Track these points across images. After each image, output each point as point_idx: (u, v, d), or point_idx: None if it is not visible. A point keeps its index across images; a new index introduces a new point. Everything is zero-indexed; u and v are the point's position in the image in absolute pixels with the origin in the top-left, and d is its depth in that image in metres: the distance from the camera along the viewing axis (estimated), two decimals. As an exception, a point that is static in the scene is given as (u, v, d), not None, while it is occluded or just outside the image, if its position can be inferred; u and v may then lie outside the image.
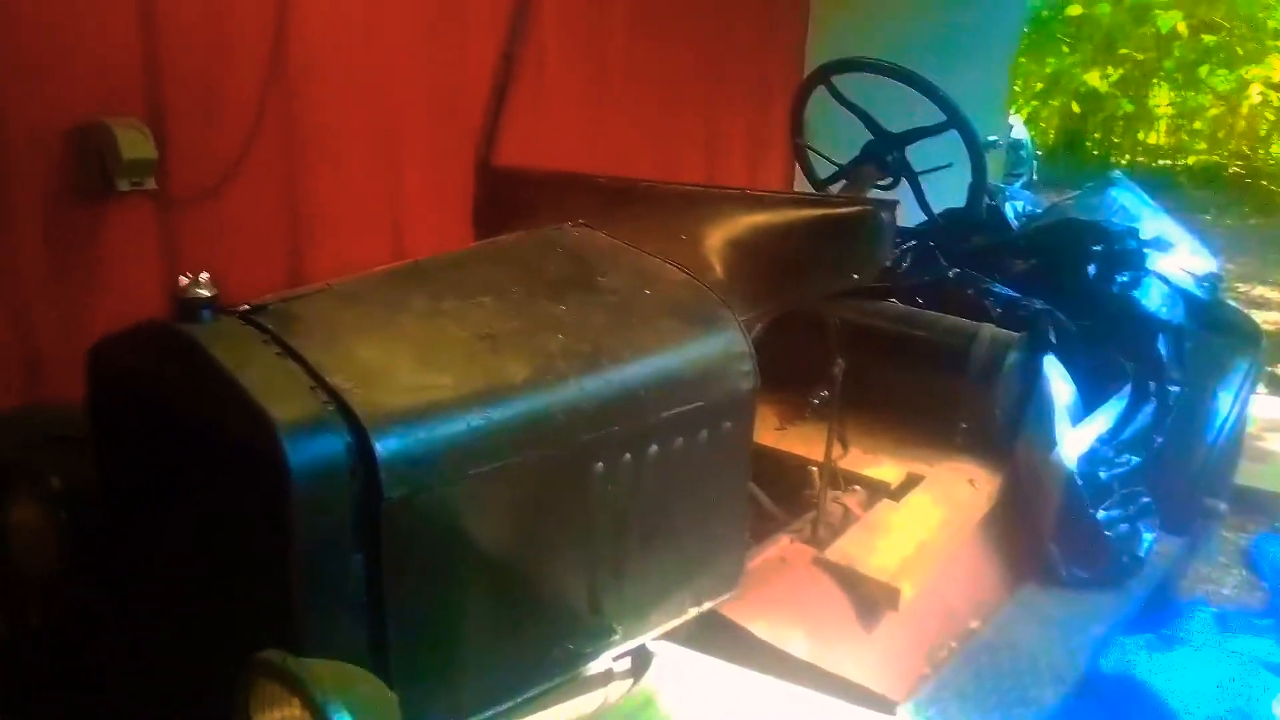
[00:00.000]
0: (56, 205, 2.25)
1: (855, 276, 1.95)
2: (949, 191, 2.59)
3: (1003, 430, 2.57)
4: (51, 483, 1.71)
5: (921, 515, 2.36)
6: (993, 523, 2.53)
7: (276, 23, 2.54)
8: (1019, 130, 11.11)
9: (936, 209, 2.68)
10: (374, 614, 1.45)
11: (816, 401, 2.58)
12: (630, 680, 1.75)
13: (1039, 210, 3.53)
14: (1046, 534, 2.60)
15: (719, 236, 2.00)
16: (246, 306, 1.55)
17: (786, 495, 2.41)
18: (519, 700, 1.63)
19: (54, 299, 2.27)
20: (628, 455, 1.67)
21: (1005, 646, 2.33)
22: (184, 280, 1.47)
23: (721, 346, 1.82)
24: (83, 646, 1.99)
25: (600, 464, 1.64)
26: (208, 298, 1.48)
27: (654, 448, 1.70)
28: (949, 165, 2.38)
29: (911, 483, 2.49)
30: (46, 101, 2.19)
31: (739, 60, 4.14)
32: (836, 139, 2.60)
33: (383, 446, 1.40)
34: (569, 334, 1.69)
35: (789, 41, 4.33)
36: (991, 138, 4.78)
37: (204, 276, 1.48)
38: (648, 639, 1.80)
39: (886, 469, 2.52)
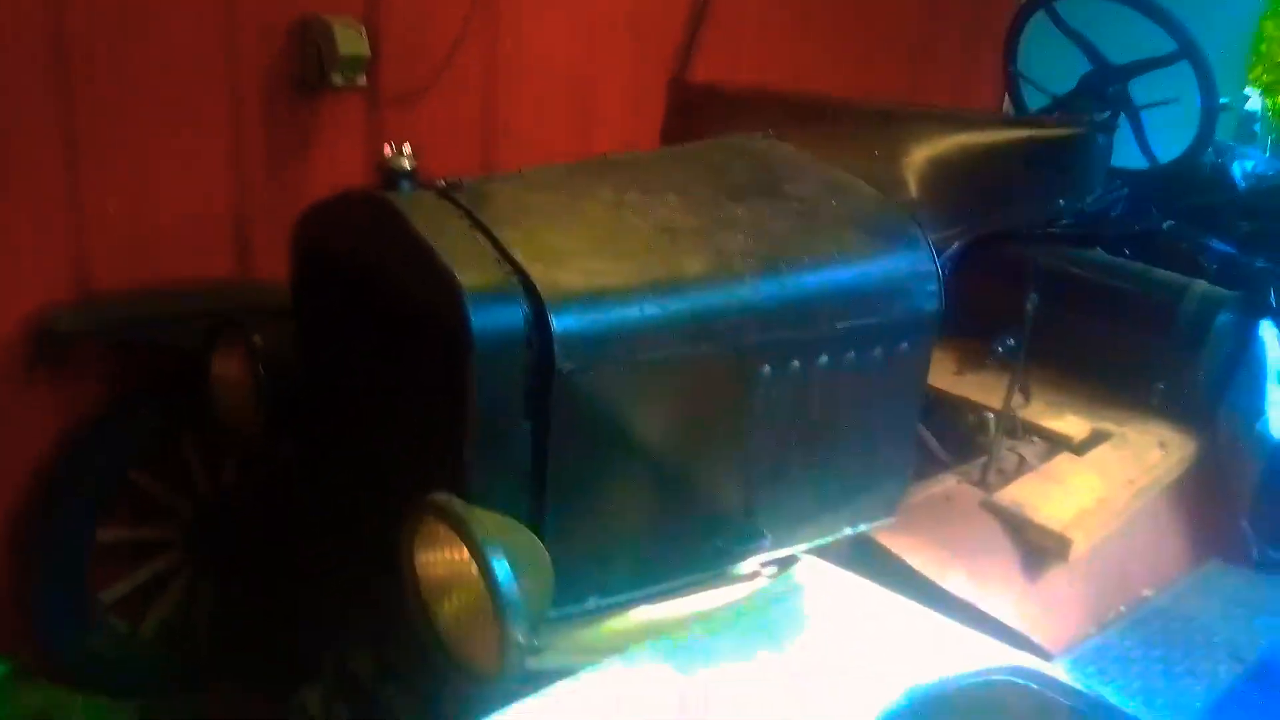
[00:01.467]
0: (278, 94, 2.40)
1: (1061, 203, 1.85)
2: (1173, 142, 2.41)
3: (1204, 394, 2.40)
4: (254, 339, 1.84)
5: (1104, 472, 2.23)
6: (1181, 491, 2.37)
7: None
8: (1254, 101, 10.16)
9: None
10: (537, 482, 1.50)
11: (1000, 350, 2.47)
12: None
13: (1271, 173, 3.24)
14: (1241, 510, 2.42)
15: (915, 155, 1.94)
16: (443, 183, 1.61)
17: (958, 443, 2.33)
18: (664, 588, 1.65)
19: (271, 180, 2.43)
20: (796, 362, 1.65)
21: (1180, 618, 2.19)
22: (388, 150, 1.54)
23: (906, 264, 1.77)
24: (276, 503, 2.16)
25: (768, 367, 1.63)
26: (409, 169, 1.55)
27: (824, 358, 1.68)
28: (1176, 100, 2.21)
29: (1096, 439, 2.36)
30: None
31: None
32: (1054, 70, 2.45)
33: (559, 321, 1.44)
34: (748, 235, 1.68)
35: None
36: (1224, 100, 4.39)
37: (406, 148, 1.55)
38: (798, 550, 1.79)
39: (1070, 423, 2.40)
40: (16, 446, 2.24)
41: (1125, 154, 2.49)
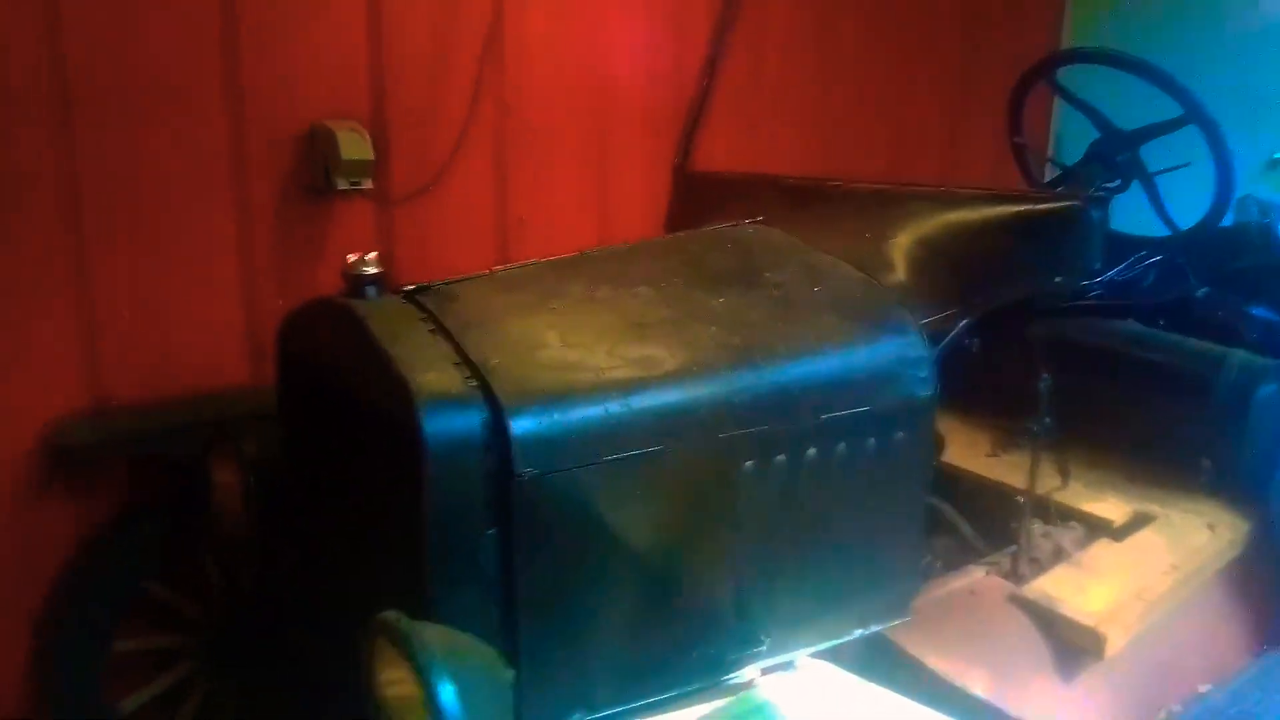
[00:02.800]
0: (287, 200, 2.45)
1: (1058, 280, 1.77)
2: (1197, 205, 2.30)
3: (1252, 471, 2.24)
4: (244, 446, 1.84)
5: (1146, 559, 2.09)
6: (1234, 576, 2.20)
7: (489, 39, 2.66)
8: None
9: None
10: (505, 592, 1.44)
11: (1035, 429, 2.36)
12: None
13: (1324, 233, 3.07)
14: (1302, 595, 2.24)
15: (906, 235, 1.88)
16: (411, 287, 1.60)
17: (991, 527, 2.22)
18: (654, 701, 1.57)
19: (280, 285, 2.47)
20: (781, 456, 1.58)
21: (1242, 716, 2.01)
22: (351, 258, 1.54)
23: (894, 348, 1.69)
24: (280, 610, 2.14)
25: (750, 462, 1.56)
26: (373, 275, 1.54)
27: (812, 450, 1.60)
28: (1187, 164, 2.11)
29: (1138, 523, 2.22)
30: (283, 107, 2.39)
31: (988, 52, 3.88)
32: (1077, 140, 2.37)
33: (517, 424, 1.40)
34: (722, 326, 1.63)
35: (1038, 41, 4.03)
36: (1276, 155, 4.22)
37: (371, 256, 1.55)
38: (800, 655, 1.69)
39: (1110, 506, 2.26)
40: (34, 557, 2.26)
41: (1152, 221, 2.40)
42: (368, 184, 2.42)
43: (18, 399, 2.20)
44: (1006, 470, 2.34)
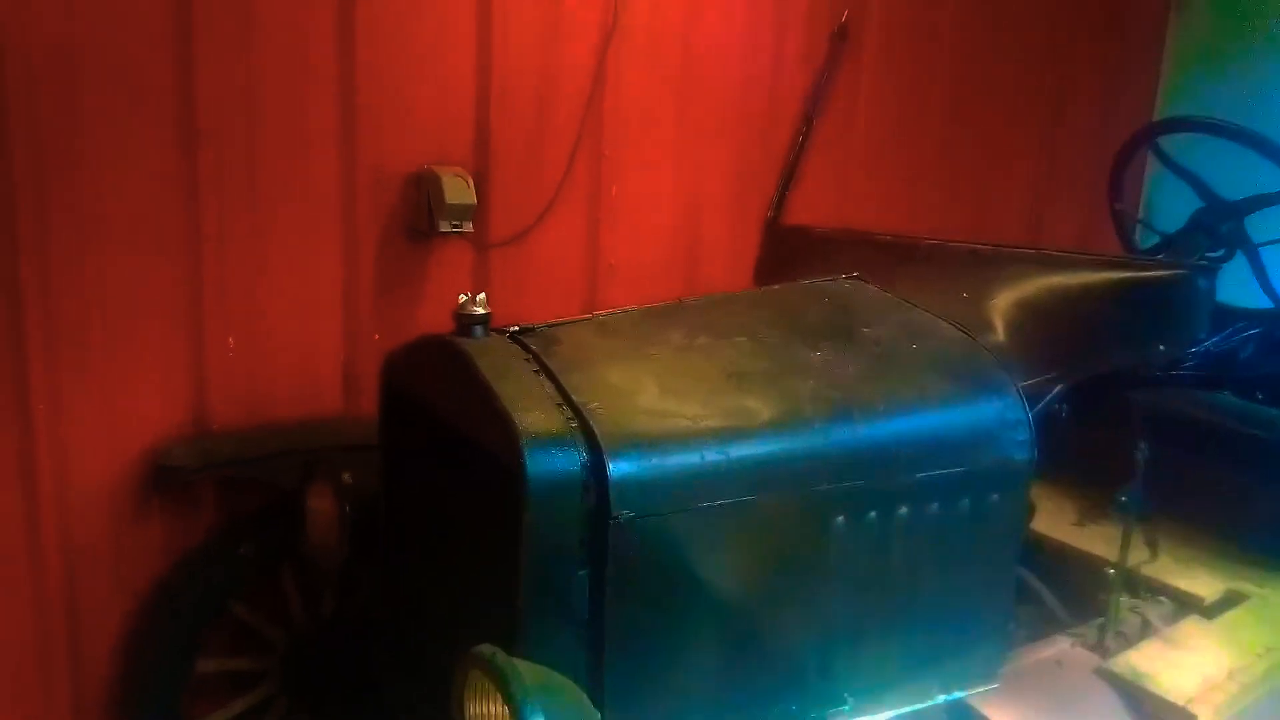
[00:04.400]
0: (391, 240, 2.54)
1: (1161, 349, 1.74)
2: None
3: (1356, 552, 2.17)
4: (343, 477, 1.90)
5: (1239, 638, 2.03)
6: (1336, 661, 2.12)
7: (591, 93, 2.74)
8: None
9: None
10: (595, 632, 1.46)
11: (1123, 500, 2.31)
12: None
13: None
14: None
15: (1005, 297, 1.87)
16: (516, 328, 1.65)
17: (1077, 598, 2.17)
18: (735, 752, 1.57)
19: (379, 321, 2.55)
20: (874, 513, 1.58)
21: (1338, 813, 1.93)
22: (462, 298, 1.59)
23: (994, 410, 1.69)
24: (366, 635, 2.18)
25: (841, 517, 1.56)
26: (481, 315, 1.59)
27: (904, 509, 1.60)
28: (1293, 237, 2.08)
29: (1230, 601, 2.16)
30: (391, 151, 2.49)
31: (1079, 117, 3.87)
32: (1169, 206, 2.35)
33: (616, 467, 1.42)
34: (820, 379, 1.64)
35: (1132, 108, 4.00)
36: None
37: (480, 296, 1.59)
38: (884, 717, 1.67)
39: (1201, 582, 2.20)
40: (128, 572, 2.34)
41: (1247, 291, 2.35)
42: (468, 227, 2.49)
43: (126, 418, 2.29)
44: (1093, 540, 2.30)
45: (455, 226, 2.46)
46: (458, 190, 2.44)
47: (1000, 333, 1.81)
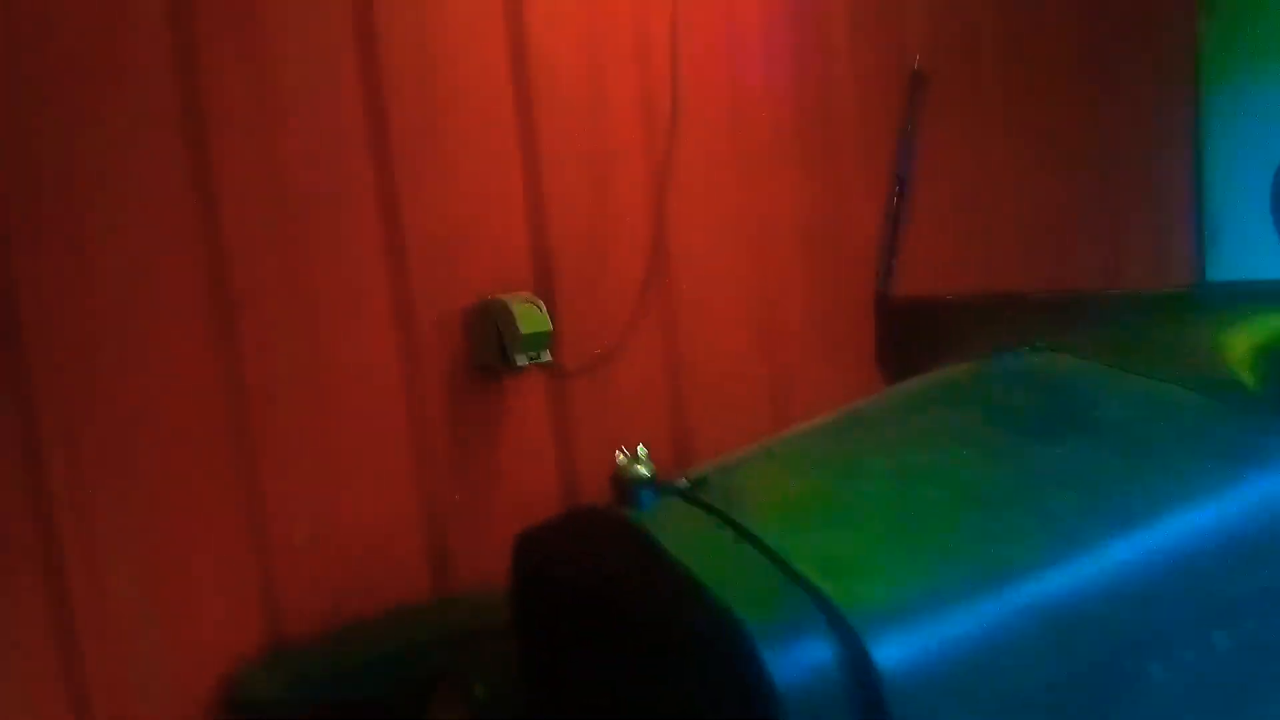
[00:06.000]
0: (457, 384, 2.23)
1: None
2: None
3: None
4: (476, 690, 1.55)
5: None
6: None
7: (656, 212, 2.48)
8: None
9: None
10: None
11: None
12: None
13: None
14: None
15: (1235, 343, 1.56)
16: (685, 482, 1.32)
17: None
18: None
19: (460, 478, 2.23)
20: (1190, 652, 1.24)
21: None
22: (622, 459, 1.27)
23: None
24: None
25: (1157, 665, 1.22)
26: (647, 477, 1.26)
27: (1222, 636, 1.26)
28: None
29: None
30: (446, 284, 2.19)
31: (1122, 153, 3.63)
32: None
33: (882, 652, 1.08)
34: (1075, 489, 1.31)
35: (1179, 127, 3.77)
36: None
37: (642, 452, 1.27)
38: None
39: None
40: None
41: None
42: (546, 356, 2.18)
43: (193, 643, 1.94)
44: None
45: (533, 358, 2.16)
46: (531, 318, 2.13)
47: (1250, 385, 1.50)
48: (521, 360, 2.14)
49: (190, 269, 1.94)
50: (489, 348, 2.18)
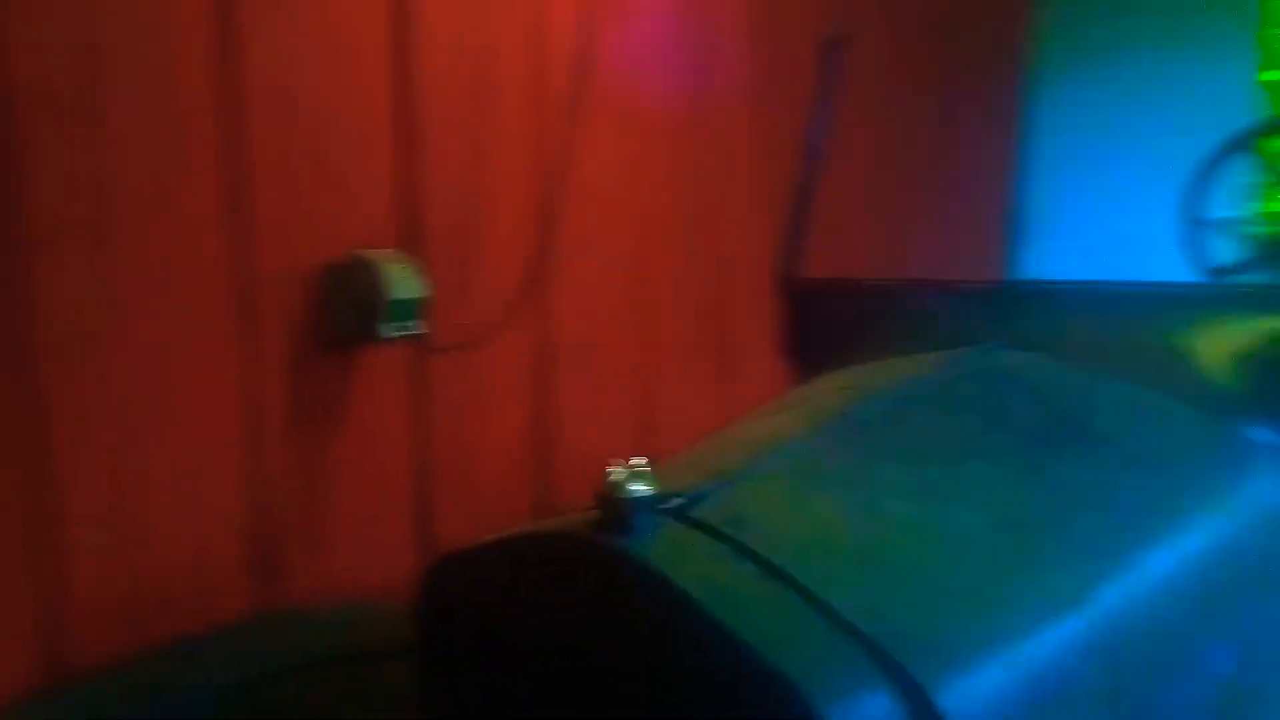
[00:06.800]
0: (300, 357, 1.84)
1: None
2: None
3: None
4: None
5: None
6: None
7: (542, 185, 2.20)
8: None
9: None
10: None
11: None
12: None
13: None
14: None
15: (1210, 343, 1.50)
16: (680, 500, 1.06)
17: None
18: None
19: (302, 471, 1.85)
20: (1205, 665, 1.15)
21: None
22: (614, 473, 0.99)
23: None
24: None
25: (1179, 685, 1.11)
26: (649, 497, 1.00)
27: (1229, 649, 1.18)
28: None
29: None
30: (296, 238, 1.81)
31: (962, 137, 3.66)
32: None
33: (951, 702, 0.90)
34: (1100, 507, 1.19)
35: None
36: None
37: (640, 464, 1.01)
38: None
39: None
40: None
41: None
42: (417, 328, 1.84)
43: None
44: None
45: (402, 329, 1.82)
46: (404, 282, 1.79)
47: (1229, 386, 1.44)
48: (388, 331, 1.79)
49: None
50: (346, 313, 1.82)
